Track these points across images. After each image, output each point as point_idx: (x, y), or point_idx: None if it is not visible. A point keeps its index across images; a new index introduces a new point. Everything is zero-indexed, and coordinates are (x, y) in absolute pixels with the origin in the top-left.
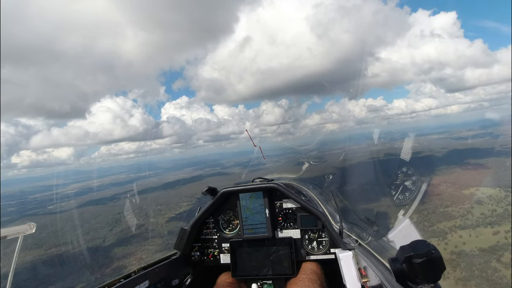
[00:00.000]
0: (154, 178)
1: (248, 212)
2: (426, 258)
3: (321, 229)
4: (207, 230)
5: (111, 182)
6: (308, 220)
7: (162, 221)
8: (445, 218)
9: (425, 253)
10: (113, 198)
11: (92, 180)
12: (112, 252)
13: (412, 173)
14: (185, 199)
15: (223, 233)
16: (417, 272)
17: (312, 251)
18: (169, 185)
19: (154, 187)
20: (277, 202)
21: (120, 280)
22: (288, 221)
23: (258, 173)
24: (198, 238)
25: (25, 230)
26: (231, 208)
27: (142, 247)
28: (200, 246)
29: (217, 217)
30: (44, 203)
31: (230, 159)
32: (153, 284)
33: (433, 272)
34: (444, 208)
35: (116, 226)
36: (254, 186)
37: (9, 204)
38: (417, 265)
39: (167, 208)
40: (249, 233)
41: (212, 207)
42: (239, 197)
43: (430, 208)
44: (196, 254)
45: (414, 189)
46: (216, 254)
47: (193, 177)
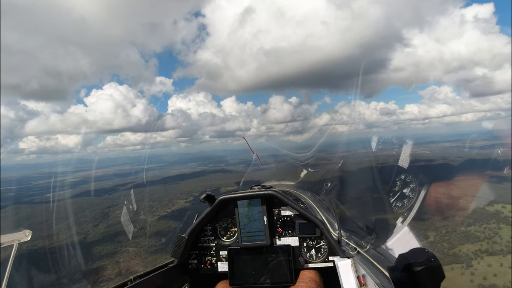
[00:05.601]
0: (156, 171)
1: (246, 219)
2: (426, 266)
3: (320, 236)
4: (204, 237)
5: (115, 172)
6: (306, 227)
7: (152, 219)
8: (468, 240)
9: (424, 261)
10: (111, 189)
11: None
12: (91, 251)
13: (410, 181)
14: (181, 196)
15: (221, 240)
16: (416, 281)
17: (310, 259)
18: (169, 180)
19: (153, 180)
20: (275, 209)
21: None
22: (286, 229)
23: (256, 180)
24: (196, 246)
25: (21, 237)
26: (229, 215)
27: (123, 248)
28: (198, 253)
29: (215, 224)
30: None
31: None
32: None
33: (433, 281)
34: (466, 227)
35: (102, 221)
36: (252, 193)
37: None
38: (416, 274)
39: (159, 205)
40: (247, 241)
41: (210, 214)
42: (237, 204)
43: (449, 226)
44: (194, 262)
45: (413, 197)
46: (214, 262)
47: (194, 173)
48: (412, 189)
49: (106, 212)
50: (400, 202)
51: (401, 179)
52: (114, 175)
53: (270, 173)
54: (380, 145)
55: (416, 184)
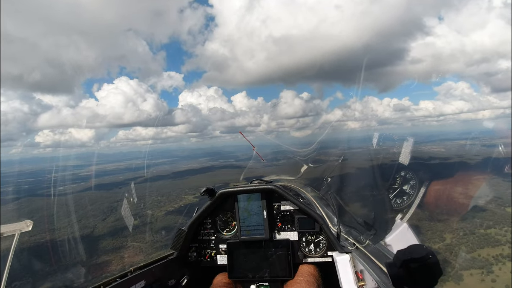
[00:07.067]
0: (166, 166)
1: (246, 213)
2: (423, 262)
3: (319, 231)
4: (204, 230)
5: (126, 167)
6: (305, 222)
7: (159, 215)
8: (488, 243)
9: (423, 258)
10: (121, 184)
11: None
12: (97, 246)
13: (410, 177)
14: (189, 191)
15: (220, 234)
16: (414, 277)
17: (309, 254)
18: (178, 175)
19: (162, 175)
20: (275, 204)
21: (116, 279)
22: (285, 223)
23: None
24: (195, 239)
25: (22, 227)
26: (229, 209)
27: (129, 243)
28: (197, 246)
29: (214, 218)
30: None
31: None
32: (149, 284)
33: (430, 277)
34: (485, 230)
35: (110, 215)
36: (252, 188)
37: (25, 181)
38: (414, 270)
39: (167, 200)
40: (246, 235)
41: (210, 207)
42: (237, 198)
43: (467, 228)
44: (193, 254)
45: (412, 193)
46: (213, 255)
47: (204, 168)
48: (412, 186)
49: (115, 206)
50: (400, 198)
51: (401, 175)
52: (125, 169)
53: (270, 168)
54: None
55: (417, 181)
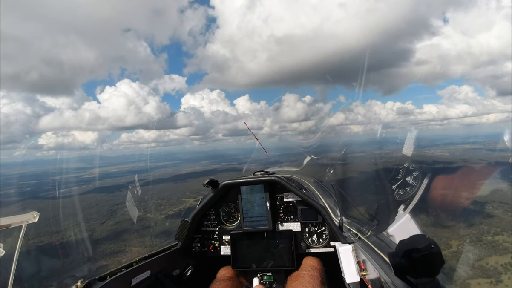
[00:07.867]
0: (169, 169)
1: (249, 204)
2: (426, 252)
3: (322, 222)
4: (208, 222)
5: (129, 169)
6: (308, 213)
7: (159, 218)
8: (496, 251)
9: (425, 248)
10: (122, 186)
11: (111, 167)
12: (97, 249)
13: (413, 169)
14: (190, 195)
15: (224, 225)
16: (416, 266)
17: (312, 244)
18: (180, 178)
19: (163, 178)
20: (278, 195)
21: (122, 269)
22: (288, 214)
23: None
24: (199, 230)
25: (29, 218)
26: (232, 200)
27: (127, 247)
28: (201, 237)
29: (218, 209)
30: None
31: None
32: (154, 274)
33: (432, 267)
34: (492, 237)
35: (110, 219)
36: (255, 179)
37: (28, 184)
38: (416, 260)
39: (167, 203)
40: (249, 226)
41: (213, 199)
42: (240, 190)
43: (474, 235)
44: (197, 245)
45: (415, 185)
46: (217, 246)
47: (206, 171)
48: (415, 177)
49: (114, 210)
50: (403, 190)
51: (404, 167)
52: (127, 172)
53: (273, 159)
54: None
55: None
